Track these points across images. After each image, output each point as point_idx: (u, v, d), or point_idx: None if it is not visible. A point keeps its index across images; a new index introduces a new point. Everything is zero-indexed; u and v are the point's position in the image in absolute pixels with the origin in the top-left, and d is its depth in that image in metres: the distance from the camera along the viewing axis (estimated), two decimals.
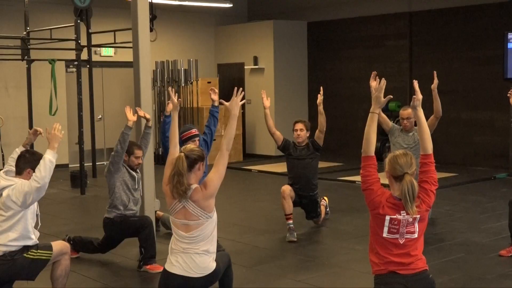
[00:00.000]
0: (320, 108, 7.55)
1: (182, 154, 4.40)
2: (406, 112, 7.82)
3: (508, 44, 11.39)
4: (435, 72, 7.64)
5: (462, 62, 12.73)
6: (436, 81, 7.59)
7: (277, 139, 7.67)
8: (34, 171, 4.72)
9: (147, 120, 6.44)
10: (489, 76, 12.27)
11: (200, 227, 4.38)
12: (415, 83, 4.44)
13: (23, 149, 5.38)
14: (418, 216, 4.04)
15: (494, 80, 12.06)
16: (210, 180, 4.40)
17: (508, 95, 6.79)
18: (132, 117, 6.22)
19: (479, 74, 12.49)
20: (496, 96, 12.13)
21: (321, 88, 7.75)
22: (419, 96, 4.32)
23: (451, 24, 12.85)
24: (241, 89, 4.74)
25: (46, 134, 4.87)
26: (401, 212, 4.02)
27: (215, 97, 7.04)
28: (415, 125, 7.86)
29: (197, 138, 6.76)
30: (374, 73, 6.93)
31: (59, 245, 5.11)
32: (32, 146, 5.69)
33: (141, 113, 6.43)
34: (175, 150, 4.63)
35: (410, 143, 7.78)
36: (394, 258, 4.00)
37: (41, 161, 4.69)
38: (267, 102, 7.51)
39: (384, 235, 4.04)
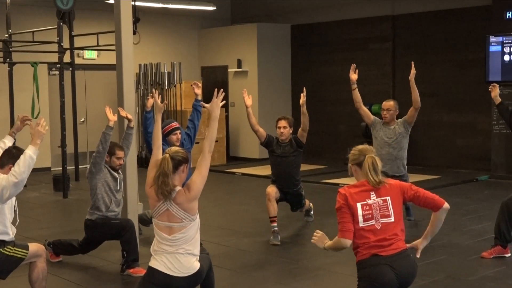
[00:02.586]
0: (303, 108, 7.57)
1: (167, 155, 4.41)
2: (388, 103, 7.87)
3: (490, 47, 11.47)
4: (412, 62, 7.70)
5: (444, 65, 12.81)
6: (413, 71, 7.66)
7: (260, 136, 7.68)
8: None
9: (129, 120, 6.42)
10: (471, 79, 12.36)
11: (183, 230, 4.38)
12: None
13: (9, 137, 5.44)
14: (389, 197, 4.19)
15: (476, 83, 12.14)
16: (193, 182, 4.40)
17: (489, 89, 6.83)
18: (112, 117, 6.19)
19: (461, 77, 12.57)
20: (478, 99, 12.22)
21: (304, 89, 7.77)
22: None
23: (434, 27, 12.93)
24: (221, 90, 4.73)
25: (30, 129, 4.86)
26: (371, 195, 4.17)
27: (198, 91, 7.07)
28: (397, 118, 7.95)
29: (178, 131, 6.79)
30: (353, 65, 6.96)
31: (35, 247, 5.10)
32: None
33: (122, 113, 6.41)
34: (158, 152, 4.62)
35: (392, 136, 7.81)
36: (372, 242, 4.12)
37: (22, 156, 4.66)
38: (248, 101, 7.53)
39: (360, 225, 4.15)
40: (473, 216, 8.60)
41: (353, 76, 7.68)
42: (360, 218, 4.14)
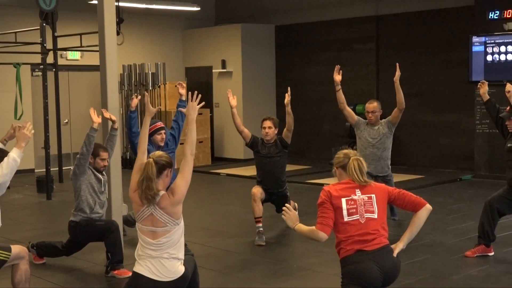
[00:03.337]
0: (288, 108, 7.58)
1: (151, 159, 4.41)
2: (371, 105, 7.89)
3: (473, 47, 11.55)
4: (397, 64, 7.74)
5: (428, 65, 12.87)
6: (398, 73, 7.71)
7: (245, 137, 7.68)
8: None
9: (113, 122, 6.39)
10: (454, 79, 12.43)
11: (167, 234, 4.37)
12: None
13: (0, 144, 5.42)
14: (374, 195, 4.25)
15: (460, 83, 12.21)
16: (177, 186, 4.39)
17: (478, 86, 6.86)
18: (97, 119, 6.17)
19: (445, 77, 12.64)
20: (462, 99, 12.30)
21: (289, 88, 7.78)
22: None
23: (417, 27, 12.99)
24: (196, 92, 4.71)
25: (15, 132, 4.84)
26: (356, 192, 4.24)
27: (183, 91, 7.08)
28: (381, 118, 7.98)
29: (163, 131, 6.79)
30: (337, 67, 6.99)
31: (17, 249, 5.07)
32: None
33: (106, 114, 6.39)
34: (143, 157, 4.60)
35: (376, 136, 7.85)
36: (356, 237, 4.15)
37: (5, 159, 4.66)
38: (233, 101, 7.52)
39: (345, 219, 4.21)
40: (456, 215, 8.65)
41: (337, 77, 7.70)
42: (345, 212, 4.19)
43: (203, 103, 4.84)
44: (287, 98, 7.60)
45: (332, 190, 4.24)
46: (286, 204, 4.45)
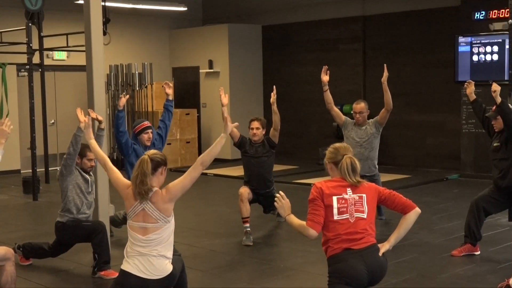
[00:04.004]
0: (274, 107, 7.59)
1: (146, 156, 4.47)
2: (359, 106, 7.92)
3: (459, 47, 11.61)
4: (385, 65, 7.78)
5: (414, 65, 12.92)
6: (386, 73, 7.75)
7: (234, 136, 7.68)
8: None
9: (100, 122, 6.36)
10: (440, 79, 12.48)
11: (158, 231, 4.39)
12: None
13: None
14: (365, 194, 4.27)
15: (446, 83, 12.27)
16: (173, 185, 4.46)
17: (465, 85, 6.89)
18: (83, 119, 6.13)
19: (431, 77, 12.70)
20: (448, 99, 12.35)
21: (274, 87, 7.79)
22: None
23: (404, 27, 13.04)
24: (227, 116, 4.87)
25: None
26: (347, 191, 4.24)
27: (170, 91, 7.08)
28: (368, 118, 8.02)
29: (150, 130, 6.82)
30: (325, 67, 7.00)
31: (3, 250, 5.04)
32: None
33: (93, 115, 6.34)
34: (114, 169, 4.74)
35: (363, 136, 7.88)
36: (345, 235, 4.16)
37: None
38: (225, 100, 7.48)
39: (335, 217, 4.21)
40: (443, 214, 8.69)
41: (325, 77, 7.73)
42: (335, 211, 4.19)
43: (237, 124, 5.18)
44: (273, 96, 7.62)
45: (324, 187, 4.24)
46: (280, 192, 4.46)
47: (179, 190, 4.45)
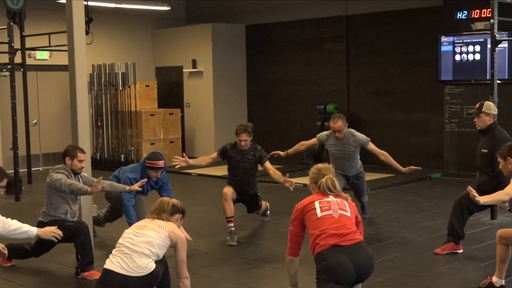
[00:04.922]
0: (282, 180, 7.54)
1: (167, 198, 4.90)
2: (337, 125, 7.84)
3: (441, 47, 11.66)
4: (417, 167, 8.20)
5: (397, 64, 12.97)
6: (412, 168, 8.13)
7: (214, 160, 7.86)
8: None
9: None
10: (423, 79, 12.54)
11: (155, 233, 4.66)
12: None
13: None
14: (346, 201, 4.50)
15: (429, 82, 12.33)
16: (181, 242, 4.87)
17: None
18: (92, 190, 6.10)
19: (414, 76, 12.75)
20: (431, 98, 12.41)
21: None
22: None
23: (387, 27, 13.09)
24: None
25: None
26: (329, 197, 4.45)
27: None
28: (351, 127, 8.13)
29: (161, 171, 6.86)
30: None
31: None
32: None
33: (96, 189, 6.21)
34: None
35: (343, 149, 8.03)
36: (331, 230, 4.25)
37: None
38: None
39: (319, 215, 4.36)
40: (426, 213, 8.73)
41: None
42: (318, 210, 4.35)
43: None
44: (289, 182, 7.50)
45: (303, 201, 4.47)
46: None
47: (181, 252, 4.87)
